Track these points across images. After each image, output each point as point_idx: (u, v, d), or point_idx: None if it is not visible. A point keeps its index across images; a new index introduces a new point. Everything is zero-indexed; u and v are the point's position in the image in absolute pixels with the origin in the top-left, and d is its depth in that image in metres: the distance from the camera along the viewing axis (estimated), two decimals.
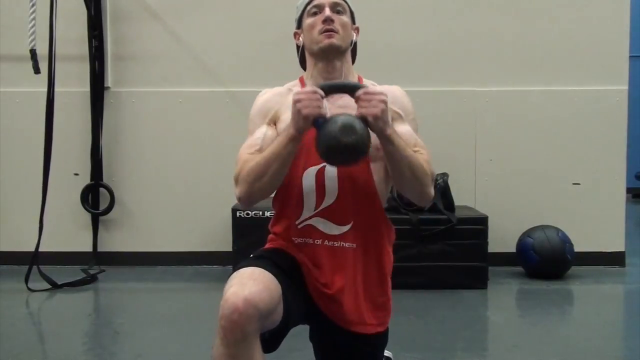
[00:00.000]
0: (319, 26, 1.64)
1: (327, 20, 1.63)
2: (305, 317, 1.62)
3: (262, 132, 1.65)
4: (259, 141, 1.63)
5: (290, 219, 1.64)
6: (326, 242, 1.61)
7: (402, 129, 1.62)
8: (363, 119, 1.47)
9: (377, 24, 3.98)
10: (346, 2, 1.71)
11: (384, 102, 1.48)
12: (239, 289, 1.36)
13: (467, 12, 4.13)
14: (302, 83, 1.72)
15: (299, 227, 1.63)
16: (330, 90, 1.56)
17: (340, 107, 1.61)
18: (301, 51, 1.74)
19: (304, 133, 1.51)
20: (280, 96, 1.69)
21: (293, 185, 1.62)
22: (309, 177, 1.61)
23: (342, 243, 1.60)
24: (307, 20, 1.68)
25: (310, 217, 1.62)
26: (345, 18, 1.67)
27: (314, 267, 1.61)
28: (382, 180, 1.65)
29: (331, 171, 1.60)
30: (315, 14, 1.66)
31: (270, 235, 1.71)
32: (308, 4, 1.69)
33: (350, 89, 1.55)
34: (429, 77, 4.10)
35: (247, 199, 1.58)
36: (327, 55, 1.65)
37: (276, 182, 1.56)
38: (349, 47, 1.69)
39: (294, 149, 1.52)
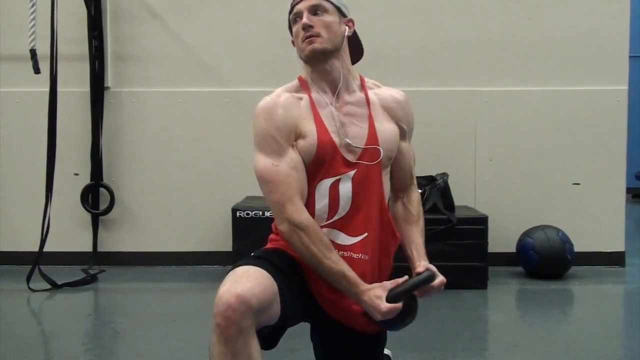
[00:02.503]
0: (301, 33, 1.62)
1: (306, 27, 1.60)
2: (305, 314, 1.63)
3: (291, 157, 1.57)
4: (294, 172, 1.56)
5: None
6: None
7: (406, 146, 1.71)
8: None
9: (377, 24, 3.98)
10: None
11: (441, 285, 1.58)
12: (231, 286, 1.37)
13: (467, 12, 4.13)
14: (303, 83, 1.67)
15: None
16: (405, 295, 1.51)
17: (347, 114, 1.63)
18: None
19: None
20: (294, 109, 1.61)
21: (307, 196, 1.60)
22: (322, 188, 1.60)
23: (351, 253, 1.59)
24: (294, 29, 1.66)
25: (321, 228, 1.59)
26: (328, 17, 1.62)
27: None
28: (388, 189, 1.69)
29: (346, 183, 1.59)
30: (296, 21, 1.65)
31: (272, 235, 1.71)
32: (290, 12, 1.67)
33: (425, 282, 1.55)
34: (428, 77, 4.10)
35: (287, 241, 1.57)
36: (313, 62, 1.63)
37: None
38: (338, 46, 1.63)
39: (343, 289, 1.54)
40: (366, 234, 1.61)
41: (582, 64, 4.11)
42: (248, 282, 1.38)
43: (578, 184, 4.13)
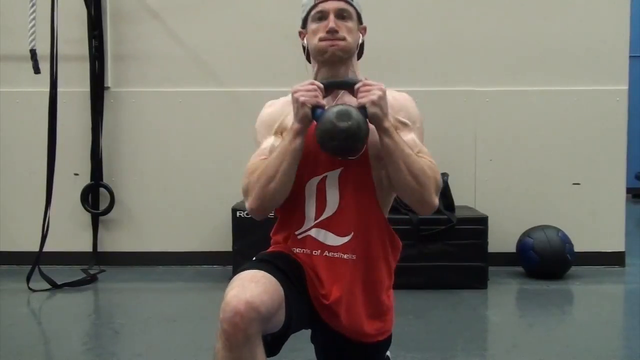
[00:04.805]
0: (323, 34, 1.61)
1: (331, 31, 1.60)
2: (308, 320, 1.61)
3: (270, 142, 1.62)
4: (266, 151, 1.60)
5: (290, 229, 1.63)
6: (325, 253, 1.58)
7: (407, 137, 1.60)
8: (361, 107, 1.50)
9: (377, 24, 3.93)
10: (352, 5, 1.66)
11: (382, 90, 1.51)
12: (240, 291, 1.35)
13: (467, 12, 4.13)
14: None
15: (299, 237, 1.61)
16: (330, 86, 1.58)
17: None
18: (307, 50, 1.71)
19: (306, 124, 1.51)
20: (285, 106, 1.65)
21: (296, 196, 1.60)
22: (311, 187, 1.60)
23: (340, 254, 1.58)
24: (312, 26, 1.64)
25: (310, 228, 1.60)
26: (351, 23, 1.63)
27: (314, 276, 1.59)
28: (384, 190, 1.62)
29: (332, 182, 1.58)
30: (320, 19, 1.63)
31: (274, 239, 1.70)
32: (313, 7, 1.64)
33: (350, 84, 1.57)
34: (429, 77, 4.10)
35: (260, 205, 1.55)
36: (329, 64, 1.64)
37: (287, 182, 1.53)
38: (354, 52, 1.67)
39: (301, 144, 1.52)
40: (352, 233, 1.57)
41: (582, 64, 4.11)
42: (257, 288, 1.36)
43: (578, 184, 4.13)
